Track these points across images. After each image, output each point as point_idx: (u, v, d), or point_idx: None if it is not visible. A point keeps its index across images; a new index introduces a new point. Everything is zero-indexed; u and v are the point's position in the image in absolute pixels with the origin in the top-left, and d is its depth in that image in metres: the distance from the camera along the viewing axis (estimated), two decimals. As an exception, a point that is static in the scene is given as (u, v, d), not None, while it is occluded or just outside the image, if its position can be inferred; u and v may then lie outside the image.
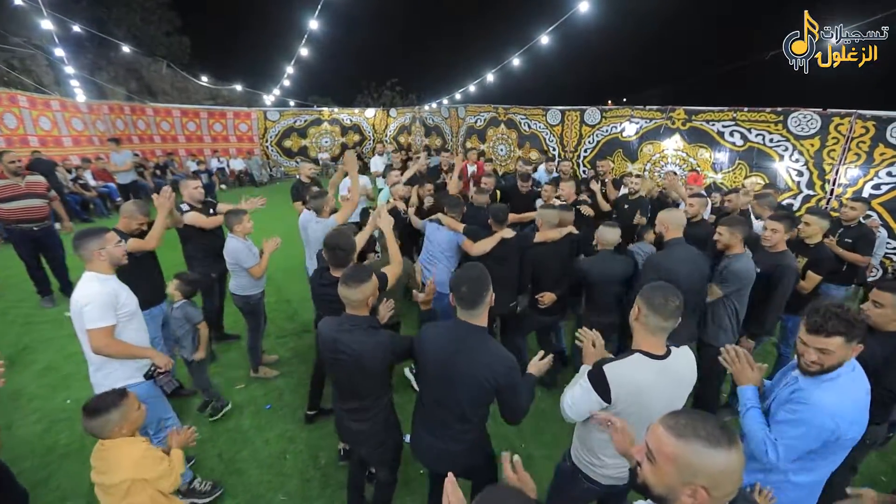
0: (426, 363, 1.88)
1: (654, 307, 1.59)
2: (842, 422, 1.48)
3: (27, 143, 8.73)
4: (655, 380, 1.59)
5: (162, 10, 19.02)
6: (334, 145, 14.66)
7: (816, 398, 1.53)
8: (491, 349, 1.77)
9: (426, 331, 1.94)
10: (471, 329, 1.79)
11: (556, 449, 3.02)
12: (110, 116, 10.94)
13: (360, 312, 1.96)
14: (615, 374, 1.60)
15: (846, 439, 1.51)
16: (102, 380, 2.28)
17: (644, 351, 1.63)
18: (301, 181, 5.21)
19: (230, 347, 4.23)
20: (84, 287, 2.20)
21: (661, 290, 1.63)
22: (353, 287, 1.90)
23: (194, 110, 13.36)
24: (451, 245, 3.64)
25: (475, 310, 1.78)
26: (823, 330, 1.51)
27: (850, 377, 1.57)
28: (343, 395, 2.09)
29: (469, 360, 1.75)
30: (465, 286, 1.76)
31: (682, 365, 1.67)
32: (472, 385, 1.75)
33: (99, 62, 16.52)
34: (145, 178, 10.20)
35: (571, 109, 8.38)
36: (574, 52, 20.17)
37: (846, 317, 1.50)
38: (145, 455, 1.79)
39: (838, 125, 5.45)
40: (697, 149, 6.67)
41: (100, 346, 2.18)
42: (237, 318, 4.61)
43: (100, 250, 2.24)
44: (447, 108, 12.05)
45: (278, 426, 3.26)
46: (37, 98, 9.24)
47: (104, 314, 2.17)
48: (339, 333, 1.92)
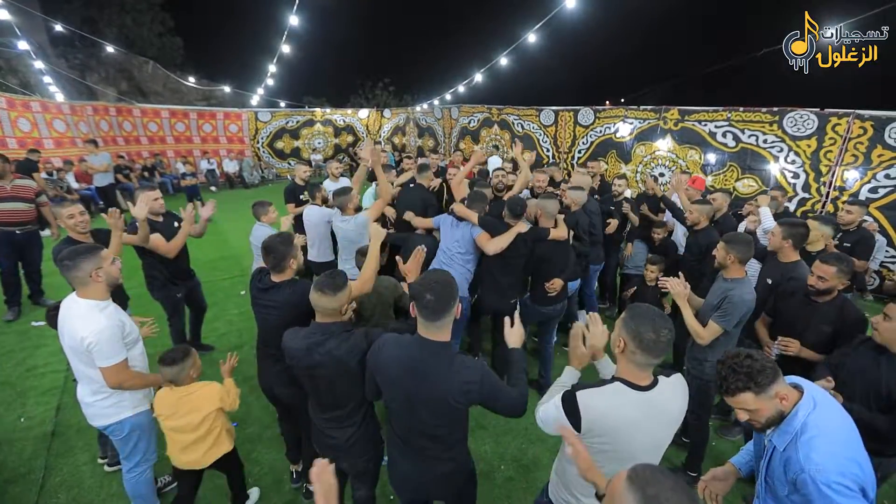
0: (387, 387, 1.69)
1: (643, 344, 1.36)
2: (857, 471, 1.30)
3: (5, 145, 8.51)
4: (635, 413, 1.38)
5: (154, 10, 18.86)
6: (327, 146, 14.48)
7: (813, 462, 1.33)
8: (455, 368, 1.58)
9: (383, 348, 1.69)
10: (433, 348, 1.59)
11: (538, 471, 2.86)
12: (94, 117, 10.73)
13: (332, 320, 1.87)
14: (588, 403, 1.40)
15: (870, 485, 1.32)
16: (110, 409, 2.15)
17: (625, 380, 1.42)
18: (296, 183, 5.07)
19: (209, 360, 4.02)
20: (87, 322, 1.96)
21: (650, 322, 1.36)
22: (328, 294, 1.81)
23: (183, 111, 13.17)
24: (468, 242, 3.27)
25: (440, 321, 1.57)
26: (728, 391, 1.40)
27: (818, 419, 1.37)
28: (323, 406, 1.97)
29: (434, 385, 1.57)
30: (430, 293, 1.53)
31: (670, 397, 1.45)
32: (442, 408, 1.59)
33: (89, 63, 16.35)
34: (131, 179, 10.01)
35: (565, 110, 8.24)
36: (569, 51, 20.07)
37: (745, 368, 1.36)
38: (219, 390, 2.22)
39: (835, 125, 5.30)
40: (687, 150, 6.52)
41: (119, 381, 2.04)
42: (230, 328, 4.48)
43: (96, 271, 2.01)
44: (440, 108, 11.91)
45: (243, 446, 3.05)
46: (15, 99, 9.02)
47: (115, 350, 2.01)
48: (313, 345, 1.82)
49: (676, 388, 1.48)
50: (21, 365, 3.85)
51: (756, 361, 1.37)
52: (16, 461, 2.84)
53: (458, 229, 3.32)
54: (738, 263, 2.46)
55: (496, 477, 2.83)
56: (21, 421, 3.20)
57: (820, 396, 1.45)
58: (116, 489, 2.59)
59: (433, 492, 1.82)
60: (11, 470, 2.77)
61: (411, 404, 1.62)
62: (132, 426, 2.21)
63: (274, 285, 2.20)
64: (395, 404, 1.70)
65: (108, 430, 2.20)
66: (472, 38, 23.40)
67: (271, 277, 2.23)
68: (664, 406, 1.43)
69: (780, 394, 1.39)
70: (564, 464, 1.60)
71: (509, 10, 20.05)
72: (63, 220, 2.91)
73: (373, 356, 1.72)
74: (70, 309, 2.04)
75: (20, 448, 2.94)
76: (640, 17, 25.40)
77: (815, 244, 3.15)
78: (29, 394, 3.49)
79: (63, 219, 2.91)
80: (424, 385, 1.58)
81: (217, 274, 5.94)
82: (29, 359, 3.92)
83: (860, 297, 5.42)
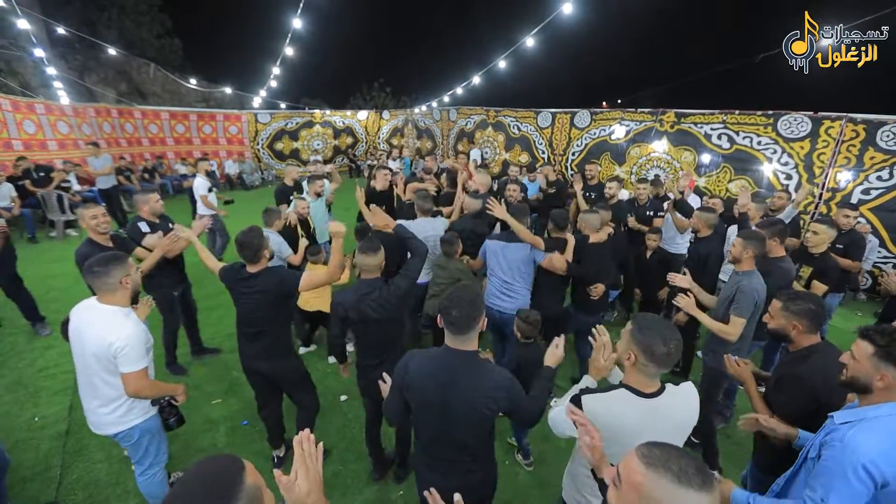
0: (416, 399, 1.73)
1: (655, 357, 1.39)
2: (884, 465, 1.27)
3: (11, 147, 8.57)
4: (640, 420, 1.41)
5: (153, 11, 18.85)
6: (326, 148, 14.54)
7: (850, 440, 1.33)
8: (485, 375, 1.65)
9: (412, 360, 1.76)
10: (462, 357, 1.65)
11: (542, 467, 2.94)
12: (97, 119, 10.78)
13: (374, 276, 2.42)
14: (593, 408, 1.46)
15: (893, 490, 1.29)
16: (121, 418, 2.17)
17: (631, 387, 1.46)
18: (286, 184, 5.15)
19: (206, 362, 4.12)
20: (115, 326, 1.99)
21: (660, 335, 1.38)
22: (370, 255, 2.38)
23: (183, 112, 13.22)
24: (528, 262, 3.24)
25: (466, 335, 1.63)
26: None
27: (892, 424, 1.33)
28: (370, 351, 2.50)
29: (464, 392, 1.62)
30: (455, 310, 1.59)
31: (678, 406, 1.46)
32: (471, 417, 1.64)
33: (88, 64, 16.35)
34: (132, 181, 10.05)
35: (562, 112, 8.33)
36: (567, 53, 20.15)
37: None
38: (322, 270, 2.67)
39: (829, 128, 5.41)
40: (682, 151, 6.62)
41: (139, 388, 2.06)
42: (217, 329, 4.57)
43: (125, 278, 2.07)
44: (439, 110, 11.98)
45: (255, 444, 3.15)
46: (20, 101, 9.07)
47: (141, 355, 2.05)
48: (363, 296, 2.34)
49: (686, 397, 1.49)
50: (32, 365, 3.92)
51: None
52: (32, 459, 2.91)
53: (512, 252, 3.23)
54: (752, 258, 2.64)
55: (501, 472, 2.88)
56: (35, 420, 3.28)
57: None
58: (132, 486, 2.66)
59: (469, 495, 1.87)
60: (28, 468, 2.85)
61: (443, 415, 1.66)
62: (142, 431, 2.25)
63: (251, 275, 2.46)
64: (424, 418, 1.73)
65: (117, 437, 2.23)
66: (470, 40, 23.48)
67: (247, 269, 2.48)
68: (669, 413, 1.45)
69: (884, 375, 1.36)
70: (577, 466, 1.66)
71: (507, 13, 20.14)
72: (86, 221, 3.00)
73: (400, 371, 1.77)
74: (90, 315, 2.04)
75: (36, 446, 3.02)
76: (638, 19, 25.50)
77: (820, 246, 3.28)
78: (41, 394, 3.57)
79: (86, 220, 3.00)
80: (455, 394, 1.62)
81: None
82: (39, 359, 3.99)
83: (853, 296, 5.54)
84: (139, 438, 2.25)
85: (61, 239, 7.73)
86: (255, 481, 0.91)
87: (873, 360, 1.39)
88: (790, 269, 3.00)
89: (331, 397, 3.64)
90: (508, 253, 3.23)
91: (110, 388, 2.09)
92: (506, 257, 3.23)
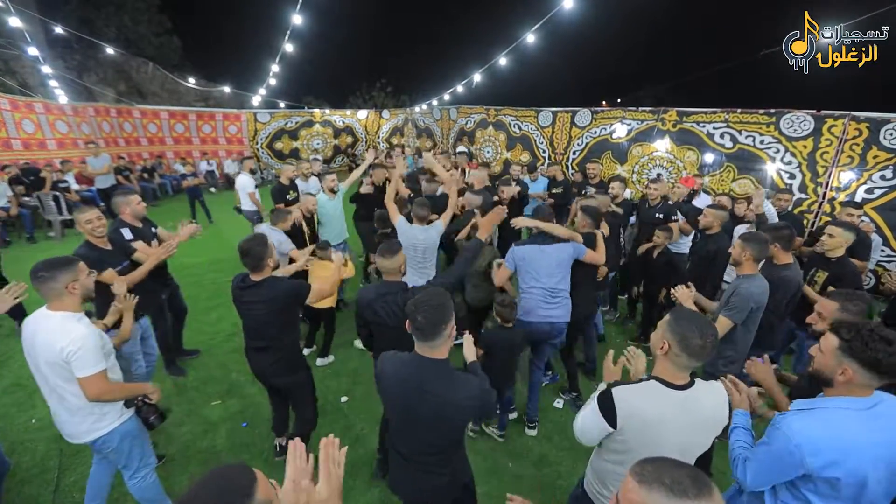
0: (388, 402, 1.77)
1: (689, 349, 1.40)
2: (807, 449, 1.33)
3: (10, 146, 8.55)
4: (671, 412, 1.42)
5: (152, 10, 18.81)
6: (326, 147, 14.49)
7: (786, 423, 1.42)
8: (459, 387, 1.61)
9: (385, 363, 1.74)
10: (433, 365, 1.61)
11: (545, 468, 2.92)
12: (96, 119, 10.74)
13: (394, 278, 2.41)
14: (624, 399, 1.46)
15: (823, 477, 1.34)
16: (93, 425, 2.07)
17: (661, 379, 1.47)
18: (282, 183, 5.11)
19: (208, 363, 4.08)
20: (65, 331, 1.90)
21: (697, 327, 1.40)
22: (388, 257, 2.35)
23: (182, 112, 13.17)
24: (570, 261, 3.07)
25: (434, 341, 1.59)
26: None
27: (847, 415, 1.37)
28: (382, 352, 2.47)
29: (434, 401, 1.59)
30: (421, 315, 1.54)
31: (708, 401, 1.47)
32: (441, 426, 1.65)
33: (87, 63, 16.31)
34: (131, 181, 10.01)
35: (563, 111, 8.29)
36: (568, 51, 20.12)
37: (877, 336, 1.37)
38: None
39: (831, 127, 5.38)
40: (685, 151, 6.59)
41: (99, 392, 1.97)
42: (235, 329, 4.54)
43: (73, 283, 1.97)
44: (439, 109, 11.94)
45: (255, 446, 3.12)
46: (19, 100, 9.04)
47: (97, 359, 1.95)
48: (380, 295, 2.34)
49: (716, 393, 1.51)
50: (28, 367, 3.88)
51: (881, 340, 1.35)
52: (29, 462, 2.89)
53: (552, 252, 3.03)
54: (753, 261, 2.55)
55: (504, 474, 2.89)
56: (33, 422, 3.25)
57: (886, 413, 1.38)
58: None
59: (431, 501, 1.87)
60: (25, 470, 2.82)
61: (411, 420, 1.66)
62: (122, 435, 2.16)
63: (255, 283, 2.37)
64: (395, 420, 1.76)
65: (96, 445, 2.13)
66: (470, 39, 23.45)
67: (251, 277, 2.40)
68: (699, 406, 1.46)
69: (846, 369, 1.38)
70: (600, 461, 1.65)
71: (508, 11, 20.10)
72: (81, 226, 2.93)
73: (376, 370, 1.78)
74: (40, 323, 1.96)
75: (33, 448, 2.99)
76: (638, 18, 25.48)
77: (836, 250, 3.13)
78: (37, 395, 3.50)
79: (81, 224, 2.92)
80: (424, 401, 1.60)
81: (220, 275, 5.98)
82: (37, 361, 3.96)
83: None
84: (120, 443, 2.16)
85: (60, 239, 7.69)
86: (266, 496, 0.89)
87: (837, 354, 1.41)
88: (794, 277, 2.83)
89: (331, 398, 3.61)
90: (548, 255, 3.01)
91: (74, 397, 1.99)
92: (546, 260, 3.00)
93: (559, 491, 2.77)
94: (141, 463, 2.29)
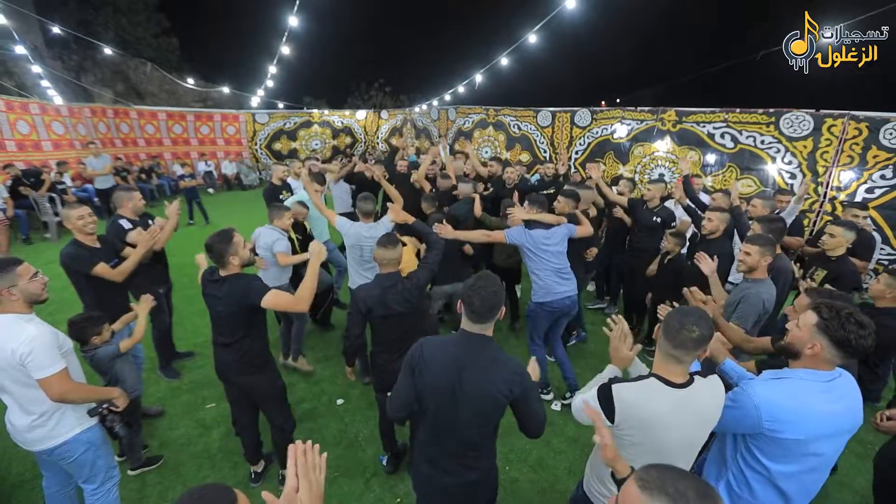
0: (428, 384, 1.68)
1: (667, 331, 1.45)
2: (765, 413, 1.47)
3: (4, 147, 8.49)
4: (670, 411, 1.44)
5: (149, 11, 18.78)
6: (325, 148, 14.45)
7: (752, 387, 1.54)
8: (502, 358, 1.66)
9: (426, 345, 1.73)
10: (479, 340, 1.66)
11: (542, 472, 2.89)
12: (92, 119, 10.69)
13: (393, 269, 2.48)
14: (623, 396, 1.47)
15: (775, 436, 1.48)
16: (52, 430, 1.97)
17: (661, 377, 1.48)
18: (273, 184, 5.06)
19: (202, 365, 4.04)
20: (14, 333, 1.82)
21: (682, 314, 1.45)
22: (389, 248, 2.43)
23: (180, 113, 13.11)
24: (565, 243, 3.42)
25: (487, 322, 1.66)
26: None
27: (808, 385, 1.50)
28: (389, 345, 2.52)
29: (480, 374, 1.62)
30: (478, 298, 1.61)
31: (706, 398, 1.50)
32: (483, 402, 1.62)
33: (85, 64, 16.28)
34: (128, 181, 9.97)
35: (562, 111, 8.26)
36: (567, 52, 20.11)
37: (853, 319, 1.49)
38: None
39: (831, 126, 5.35)
40: (687, 151, 6.56)
41: (62, 392, 1.88)
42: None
43: (9, 289, 1.86)
44: (437, 109, 11.90)
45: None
46: (14, 101, 8.98)
47: (54, 358, 1.87)
48: (386, 289, 2.41)
49: (713, 389, 1.52)
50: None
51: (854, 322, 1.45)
52: (20, 467, 2.85)
53: (557, 235, 3.36)
54: (765, 267, 2.50)
55: (502, 479, 2.83)
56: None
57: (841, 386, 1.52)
58: (122, 493, 2.59)
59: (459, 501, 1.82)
60: (17, 475, 2.79)
61: (454, 400, 1.64)
62: (86, 444, 2.06)
63: (220, 279, 2.35)
64: (435, 404, 1.69)
65: (54, 454, 2.01)
66: (469, 40, 23.43)
67: (219, 272, 2.37)
68: (698, 405, 1.47)
69: (815, 344, 1.49)
70: (598, 457, 1.63)
71: (507, 12, 20.10)
72: (72, 222, 2.89)
73: (414, 355, 1.73)
74: None
75: (24, 454, 2.92)
76: (636, 18, 25.49)
77: (837, 249, 3.13)
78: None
79: (72, 220, 2.88)
80: (470, 376, 1.62)
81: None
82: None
83: (858, 295, 5.48)
84: (84, 453, 2.05)
85: (56, 240, 7.66)
86: None
87: (813, 331, 1.51)
88: (787, 266, 2.89)
89: (326, 401, 3.57)
90: (555, 238, 3.33)
91: (30, 403, 1.92)
92: (554, 242, 3.32)
93: (557, 494, 2.74)
94: (107, 475, 2.18)
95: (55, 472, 2.19)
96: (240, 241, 2.36)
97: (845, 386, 1.53)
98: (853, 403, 1.52)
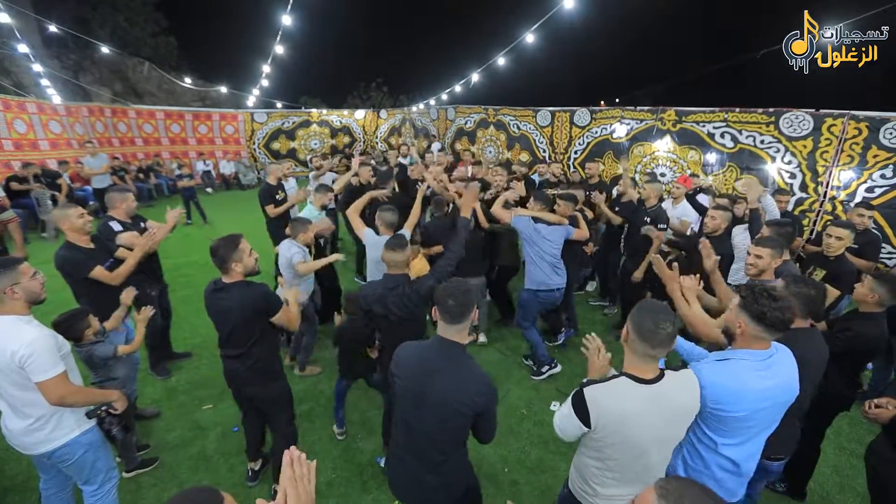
0: (399, 386, 1.76)
1: (642, 333, 1.45)
2: (709, 394, 1.56)
3: (1, 147, 8.44)
4: (642, 407, 1.46)
5: (147, 10, 18.69)
6: (323, 147, 14.41)
7: (698, 370, 1.62)
8: (470, 370, 1.68)
9: (403, 349, 1.82)
10: (451, 346, 1.70)
11: (541, 474, 2.87)
12: (90, 119, 10.64)
13: (400, 271, 2.45)
14: (595, 397, 1.49)
15: (718, 414, 1.58)
16: (51, 434, 1.95)
17: (631, 374, 1.50)
18: (269, 183, 4.99)
19: (199, 366, 4.01)
20: (15, 335, 1.80)
21: (652, 313, 1.46)
22: (397, 251, 2.41)
23: (178, 112, 13.07)
24: (562, 241, 3.72)
25: (460, 324, 1.69)
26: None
27: (746, 366, 1.60)
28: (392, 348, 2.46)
29: (446, 381, 1.64)
30: (452, 299, 1.65)
31: (678, 391, 1.51)
32: (445, 410, 1.64)
33: (83, 63, 16.19)
34: (126, 181, 9.92)
35: (561, 110, 8.25)
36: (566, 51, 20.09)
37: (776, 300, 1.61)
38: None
39: (831, 126, 5.34)
40: (687, 150, 6.55)
41: (62, 395, 1.87)
42: (211, 330, 4.45)
43: (12, 287, 1.85)
44: (436, 108, 11.88)
45: (246, 451, 3.05)
46: (11, 100, 8.93)
47: (54, 361, 1.85)
48: (388, 290, 2.37)
49: (685, 383, 1.55)
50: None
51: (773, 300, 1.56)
52: (14, 469, 2.82)
53: (557, 232, 3.69)
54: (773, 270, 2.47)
55: (501, 481, 2.83)
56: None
57: (777, 362, 1.63)
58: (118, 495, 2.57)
59: (425, 499, 1.84)
60: (10, 478, 2.76)
61: (420, 402, 1.68)
62: (86, 446, 2.05)
63: (225, 286, 2.29)
64: (405, 403, 1.75)
65: (54, 456, 1.99)
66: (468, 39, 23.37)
67: (223, 279, 2.32)
68: (670, 399, 1.49)
69: (741, 322, 1.61)
70: (581, 458, 1.68)
71: (506, 10, 20.07)
72: (71, 221, 2.87)
73: (393, 360, 1.81)
74: None
75: (18, 456, 2.90)
76: (636, 17, 25.45)
77: (838, 250, 3.12)
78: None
79: (72, 219, 2.86)
80: (434, 385, 1.64)
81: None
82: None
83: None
84: (83, 455, 2.04)
85: (53, 239, 7.61)
86: None
87: (737, 310, 1.64)
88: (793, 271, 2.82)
89: (324, 402, 3.55)
90: (556, 234, 3.66)
91: (28, 406, 1.89)
92: (553, 238, 3.64)
93: (557, 496, 2.71)
94: (106, 476, 2.17)
95: (53, 473, 2.17)
96: (246, 249, 2.30)
97: (781, 362, 1.65)
98: (789, 379, 1.65)
